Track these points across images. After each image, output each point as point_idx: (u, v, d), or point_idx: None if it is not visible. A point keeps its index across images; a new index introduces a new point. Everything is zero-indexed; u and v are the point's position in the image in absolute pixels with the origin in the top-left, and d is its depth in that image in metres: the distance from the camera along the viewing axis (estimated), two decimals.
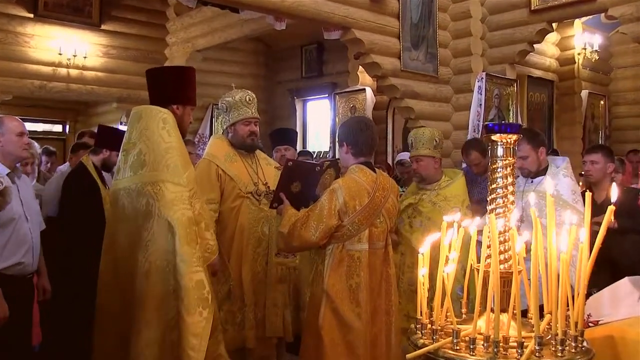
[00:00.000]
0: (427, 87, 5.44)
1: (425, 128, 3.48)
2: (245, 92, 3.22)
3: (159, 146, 2.30)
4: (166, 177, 2.25)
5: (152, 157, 2.29)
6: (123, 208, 2.33)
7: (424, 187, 3.40)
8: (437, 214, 3.22)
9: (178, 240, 2.17)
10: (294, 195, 2.81)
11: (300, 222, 2.59)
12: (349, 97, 7.15)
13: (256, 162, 3.30)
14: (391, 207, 2.76)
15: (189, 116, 2.54)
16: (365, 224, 2.63)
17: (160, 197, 2.22)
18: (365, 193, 2.63)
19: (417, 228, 3.28)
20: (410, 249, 3.24)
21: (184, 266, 2.16)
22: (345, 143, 2.74)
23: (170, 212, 2.20)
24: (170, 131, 2.34)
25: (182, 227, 2.19)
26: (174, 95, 2.48)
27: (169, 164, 2.27)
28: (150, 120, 2.36)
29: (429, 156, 3.33)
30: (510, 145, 1.61)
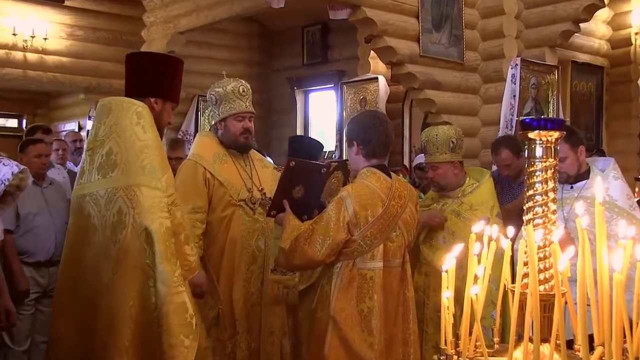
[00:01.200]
0: (450, 76, 5.45)
1: (439, 128, 3.47)
2: (238, 82, 3.24)
3: (132, 145, 2.31)
4: (141, 181, 2.27)
5: (124, 158, 2.30)
6: (89, 217, 2.34)
7: (445, 195, 3.41)
8: (462, 228, 3.22)
9: (157, 255, 2.19)
10: (295, 202, 2.84)
11: (303, 236, 2.60)
12: (359, 88, 7.17)
13: (250, 164, 3.32)
14: (409, 218, 2.77)
15: (168, 115, 2.56)
16: (379, 238, 2.64)
17: (136, 204, 2.24)
18: (378, 201, 2.64)
19: (440, 246, 3.28)
20: (434, 270, 3.25)
21: (163, 288, 2.18)
22: (355, 142, 2.75)
23: (147, 221, 2.21)
24: (145, 127, 2.36)
25: (161, 240, 2.21)
26: (153, 86, 2.49)
27: (145, 165, 2.29)
28: (121, 114, 2.37)
29: (446, 162, 3.34)
30: (552, 145, 1.61)
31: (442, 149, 3.34)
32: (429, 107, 5.41)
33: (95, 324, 2.26)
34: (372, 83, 7.00)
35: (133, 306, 2.21)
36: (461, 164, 3.40)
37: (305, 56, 8.60)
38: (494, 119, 5.48)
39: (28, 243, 3.96)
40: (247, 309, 3.14)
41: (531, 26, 5.63)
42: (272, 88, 9.14)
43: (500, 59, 5.54)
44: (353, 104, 7.21)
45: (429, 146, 3.39)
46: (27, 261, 3.96)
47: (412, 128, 7.17)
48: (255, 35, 9.06)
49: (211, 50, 8.37)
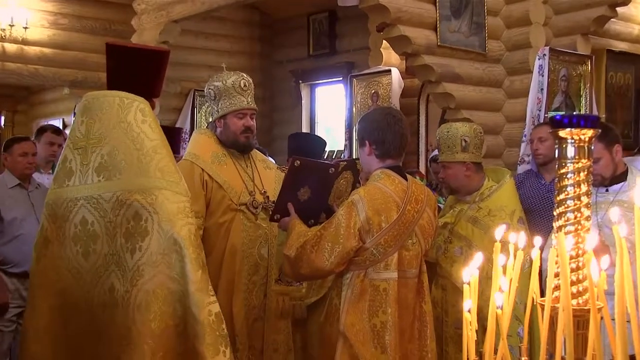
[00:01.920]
0: (471, 68, 5.44)
1: (452, 124, 3.48)
2: (239, 76, 3.26)
3: (142, 144, 2.32)
4: (162, 184, 2.28)
5: (135, 158, 2.30)
6: (85, 223, 2.32)
7: (462, 199, 3.41)
8: (479, 238, 3.22)
9: (189, 263, 2.20)
10: (301, 205, 2.86)
11: (310, 243, 2.62)
12: (370, 81, 7.18)
13: (252, 166, 3.33)
14: (427, 224, 2.77)
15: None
16: (393, 246, 2.65)
17: (159, 209, 2.24)
18: (393, 206, 2.65)
19: (457, 258, 3.28)
20: (452, 283, 3.25)
21: (200, 296, 2.18)
22: (368, 142, 2.76)
23: (175, 228, 2.23)
24: (152, 125, 2.38)
25: (192, 247, 2.22)
26: (142, 86, 2.49)
27: (162, 167, 2.30)
28: (122, 111, 2.37)
29: (455, 162, 3.35)
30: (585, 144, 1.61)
31: (453, 148, 3.34)
32: (448, 102, 5.40)
33: (102, 340, 2.25)
34: (385, 76, 7.01)
35: (154, 320, 2.20)
36: (477, 166, 3.39)
37: (311, 47, 8.61)
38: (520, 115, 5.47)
39: (13, 252, 3.92)
40: (248, 324, 3.15)
41: (561, 12, 5.60)
42: (274, 82, 9.16)
43: (527, 49, 5.53)
44: (364, 99, 7.22)
45: (440, 143, 3.41)
46: (11, 272, 3.92)
47: (428, 126, 7.16)
48: (257, 23, 9.09)
49: (208, 41, 8.40)
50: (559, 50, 5.39)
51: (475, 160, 3.37)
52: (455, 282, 3.18)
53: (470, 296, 1.59)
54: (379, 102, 7.04)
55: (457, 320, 3.20)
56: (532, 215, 3.64)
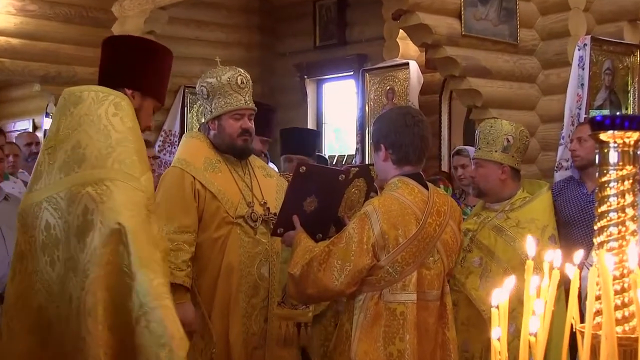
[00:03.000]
0: (500, 60, 5.46)
1: (497, 120, 3.52)
2: (235, 71, 3.29)
3: (107, 136, 2.35)
4: (117, 176, 2.28)
5: (96, 150, 2.33)
6: (48, 228, 2.34)
7: (489, 207, 3.44)
8: (503, 249, 3.26)
9: (134, 257, 2.18)
10: (307, 217, 2.88)
11: (318, 260, 2.64)
12: (385, 76, 7.19)
13: (250, 173, 3.36)
14: (450, 239, 2.79)
15: (147, 115, 2.58)
16: (412, 265, 2.67)
17: (106, 199, 2.24)
18: (412, 219, 2.67)
19: (474, 269, 3.31)
20: (465, 299, 3.27)
21: (139, 299, 2.16)
22: (384, 146, 2.78)
23: (120, 217, 2.22)
24: (125, 119, 2.40)
25: (139, 241, 2.19)
26: (129, 74, 2.53)
27: (122, 159, 2.32)
28: (94, 104, 2.40)
29: (491, 161, 3.37)
30: (630, 149, 1.61)
31: (493, 146, 3.38)
32: (473, 99, 5.41)
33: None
34: (402, 70, 7.02)
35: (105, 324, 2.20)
36: (514, 172, 3.42)
37: (317, 37, 8.63)
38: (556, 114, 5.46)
39: None
40: (247, 353, 3.16)
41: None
42: (276, 77, 9.18)
43: (565, 38, 5.52)
44: (378, 97, 7.23)
45: (480, 139, 3.46)
46: None
47: (451, 126, 7.16)
48: (256, 10, 9.11)
49: (200, 30, 8.42)
50: (602, 40, 5.36)
51: (513, 164, 3.40)
52: (470, 296, 3.20)
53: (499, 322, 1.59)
54: (395, 100, 7.05)
55: (465, 342, 3.22)
56: (571, 229, 3.65)
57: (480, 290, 3.23)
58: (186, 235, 3.10)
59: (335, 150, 8.81)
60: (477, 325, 3.21)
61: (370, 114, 7.24)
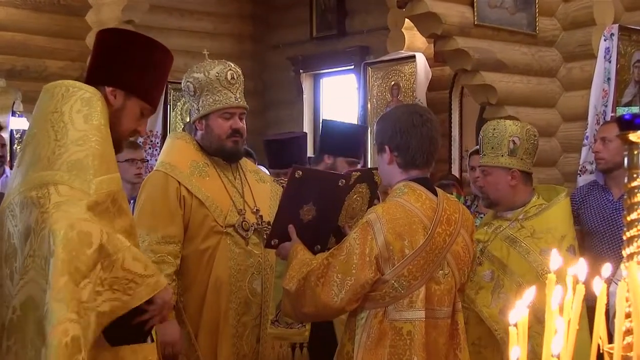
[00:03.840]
0: (517, 53, 5.47)
1: (500, 122, 3.50)
2: (225, 66, 3.30)
3: (64, 135, 2.34)
4: (62, 179, 2.28)
5: (49, 151, 2.33)
6: (10, 237, 2.34)
7: (501, 215, 3.44)
8: (517, 261, 3.25)
9: (53, 266, 2.13)
10: (304, 227, 2.88)
11: (316, 274, 2.64)
12: (389, 71, 7.20)
13: (241, 178, 3.37)
14: (462, 250, 2.80)
15: (132, 115, 2.53)
16: (419, 279, 2.68)
17: (44, 203, 2.23)
18: (419, 228, 2.68)
19: (486, 284, 3.31)
20: (475, 316, 3.27)
21: (57, 308, 2.09)
22: (388, 148, 2.79)
23: (49, 220, 2.20)
24: (89, 116, 2.38)
25: (63, 245, 2.15)
26: (113, 70, 2.52)
27: (73, 160, 2.31)
28: (61, 101, 2.41)
29: (499, 167, 3.38)
30: None
31: (498, 150, 3.36)
32: (488, 96, 5.42)
33: None
34: (408, 64, 7.04)
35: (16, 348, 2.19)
36: (525, 176, 3.41)
37: (314, 27, 8.64)
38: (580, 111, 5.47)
39: None
40: None
41: None
42: (269, 72, 9.19)
43: (589, 27, 5.52)
44: (381, 93, 7.25)
45: (484, 144, 3.44)
46: None
47: (463, 126, 7.17)
48: None
49: (185, 20, 8.42)
50: (631, 29, 5.34)
51: (523, 168, 3.39)
52: (481, 314, 3.20)
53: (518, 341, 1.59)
54: (401, 96, 7.07)
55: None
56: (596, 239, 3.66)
57: (493, 307, 3.23)
58: (171, 247, 3.10)
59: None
60: (489, 346, 3.21)
61: (372, 112, 7.25)
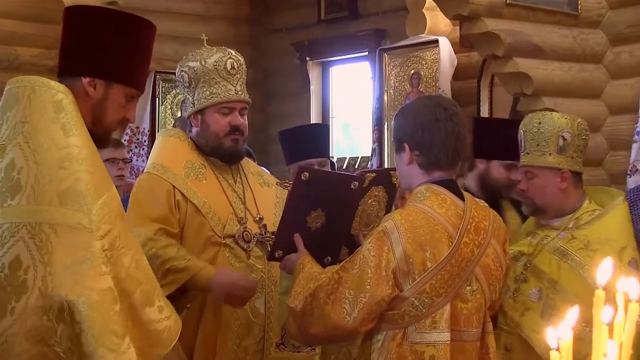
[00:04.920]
0: (556, 35, 5.45)
1: (546, 114, 3.47)
2: (225, 53, 3.31)
3: (47, 155, 2.30)
4: (57, 216, 2.26)
5: (33, 176, 2.29)
6: None
7: (547, 224, 3.41)
8: (570, 278, 3.22)
9: (89, 337, 2.19)
10: (312, 236, 2.89)
11: (325, 290, 2.64)
12: (408, 58, 7.20)
13: (242, 181, 3.39)
14: (493, 263, 2.79)
15: (117, 104, 2.52)
16: (443, 296, 2.67)
17: (48, 257, 2.22)
18: (443, 237, 2.67)
19: (533, 304, 3.29)
20: (522, 342, 3.26)
21: None
22: (408, 145, 2.79)
23: (66, 289, 2.20)
24: (67, 126, 2.34)
25: (97, 314, 2.20)
26: (88, 57, 2.51)
27: (64, 189, 2.28)
28: (30, 106, 2.37)
29: (546, 168, 3.36)
30: None
31: (545, 147, 3.32)
32: (522, 86, 5.40)
33: None
34: (430, 49, 7.04)
35: None
36: (575, 177, 3.39)
37: (322, 8, 8.65)
38: (629, 102, 5.44)
39: None
40: None
41: None
42: (270, 59, 9.19)
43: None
44: (399, 84, 7.24)
45: (526, 140, 3.38)
46: None
47: None
48: None
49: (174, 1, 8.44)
50: None
51: (574, 168, 3.36)
52: (529, 340, 3.19)
53: None
54: (422, 87, 7.06)
55: None
56: None
57: (543, 332, 3.20)
58: (169, 236, 3.14)
59: (345, 152, 8.80)
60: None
61: (389, 105, 7.25)
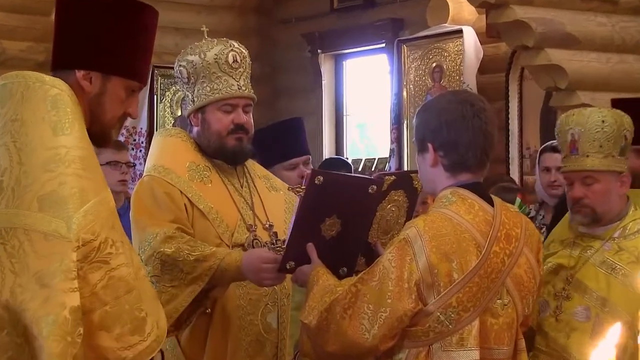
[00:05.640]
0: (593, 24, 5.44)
1: (602, 110, 3.41)
2: (227, 46, 3.31)
3: (32, 155, 2.30)
4: (33, 222, 2.25)
5: (14, 178, 2.29)
6: None
7: (589, 232, 3.39)
8: (620, 293, 3.20)
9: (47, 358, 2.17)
10: (327, 245, 2.88)
11: (341, 304, 2.63)
12: (429, 50, 7.21)
13: (249, 185, 3.39)
14: (525, 274, 2.78)
15: (117, 99, 2.51)
16: (472, 310, 2.66)
17: (20, 266, 2.21)
18: (471, 246, 2.66)
19: (580, 324, 3.26)
20: None
21: None
22: (431, 145, 2.77)
23: (36, 304, 2.19)
24: (60, 125, 2.33)
25: (58, 336, 2.18)
26: (84, 48, 2.50)
27: (45, 194, 2.26)
28: (23, 102, 2.38)
29: (611, 172, 3.31)
30: None
31: (609, 149, 3.27)
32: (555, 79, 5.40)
33: None
34: (453, 40, 7.04)
35: None
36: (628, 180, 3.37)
37: None
38: None
39: None
40: None
41: None
42: (279, 52, 9.21)
43: None
44: (420, 78, 7.25)
45: (582, 140, 3.30)
46: None
47: (523, 117, 7.15)
48: None
49: None
50: None
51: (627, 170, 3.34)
52: None
53: None
54: (445, 81, 7.06)
55: None
56: None
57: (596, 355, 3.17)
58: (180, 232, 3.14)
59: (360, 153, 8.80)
60: None
61: (409, 101, 7.26)
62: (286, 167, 4.11)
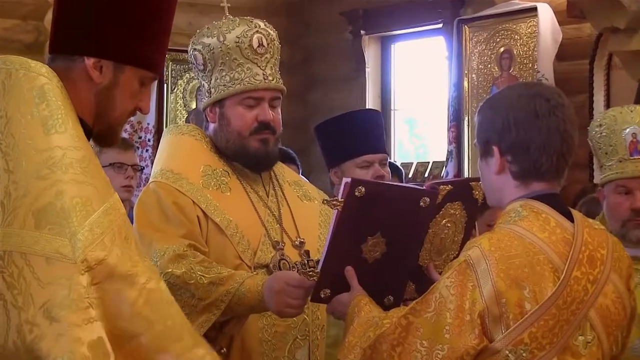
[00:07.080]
0: None
1: None
2: (250, 26, 3.32)
3: (22, 160, 2.32)
4: (30, 243, 2.27)
5: (3, 189, 2.32)
6: None
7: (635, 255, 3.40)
8: None
9: None
10: (369, 269, 2.88)
11: (389, 340, 2.64)
12: (496, 31, 7.23)
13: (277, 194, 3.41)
14: (613, 305, 2.77)
15: (130, 91, 2.54)
16: (548, 348, 2.65)
17: (20, 297, 2.24)
18: (546, 271, 2.66)
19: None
20: None
21: None
22: (497, 148, 2.77)
23: (48, 343, 2.21)
24: (50, 122, 2.36)
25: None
26: (95, 32, 2.52)
27: (42, 205, 2.29)
28: (4, 93, 2.40)
29: None
30: None
31: None
32: None
33: None
34: (525, 20, 7.05)
35: None
36: None
37: None
38: None
39: None
40: None
41: None
42: (314, 34, 9.29)
43: None
44: (484, 65, 7.26)
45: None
46: None
47: None
48: None
49: None
50: None
51: None
52: None
53: None
54: (515, 70, 7.06)
55: None
56: None
57: None
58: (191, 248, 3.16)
59: (410, 156, 8.83)
60: None
61: (471, 94, 7.27)
62: (359, 165, 4.11)
